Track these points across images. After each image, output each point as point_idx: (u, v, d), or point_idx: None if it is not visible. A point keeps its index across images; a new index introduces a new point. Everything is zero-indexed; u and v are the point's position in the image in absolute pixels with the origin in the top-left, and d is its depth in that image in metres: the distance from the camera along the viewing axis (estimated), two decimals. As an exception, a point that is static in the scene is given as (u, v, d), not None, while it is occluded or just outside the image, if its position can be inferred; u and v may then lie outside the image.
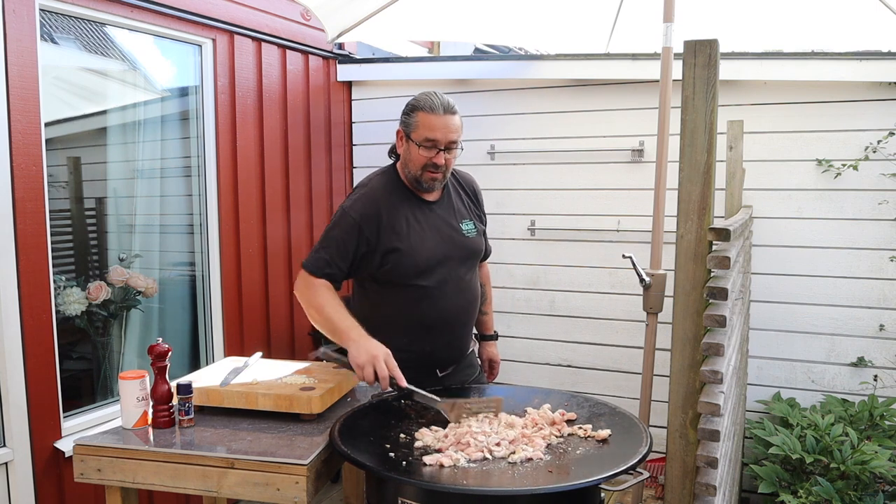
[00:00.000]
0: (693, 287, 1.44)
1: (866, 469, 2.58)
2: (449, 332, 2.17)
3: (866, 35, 3.39)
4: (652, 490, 3.45)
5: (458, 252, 2.16)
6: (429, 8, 3.52)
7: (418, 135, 2.03)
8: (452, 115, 2.03)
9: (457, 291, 2.15)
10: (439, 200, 2.18)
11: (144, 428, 1.92)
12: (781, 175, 3.33)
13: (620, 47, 3.77)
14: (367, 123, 4.21)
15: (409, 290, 2.08)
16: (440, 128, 2.01)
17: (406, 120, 2.07)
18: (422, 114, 2.02)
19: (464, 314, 2.20)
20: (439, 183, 2.11)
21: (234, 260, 3.40)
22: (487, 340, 2.51)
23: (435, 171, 2.05)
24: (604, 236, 3.66)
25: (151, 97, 3.20)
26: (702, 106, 1.40)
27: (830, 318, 3.30)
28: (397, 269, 2.06)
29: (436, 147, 2.02)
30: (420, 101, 2.04)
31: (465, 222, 2.21)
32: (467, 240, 2.19)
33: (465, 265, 2.19)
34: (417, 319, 2.10)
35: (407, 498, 1.54)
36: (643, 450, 1.61)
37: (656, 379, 2.62)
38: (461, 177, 2.31)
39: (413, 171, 2.08)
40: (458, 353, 2.25)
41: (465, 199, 2.27)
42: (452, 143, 2.03)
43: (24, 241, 2.45)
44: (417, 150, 2.03)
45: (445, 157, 2.04)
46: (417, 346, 2.10)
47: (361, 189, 2.12)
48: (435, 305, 2.10)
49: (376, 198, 2.08)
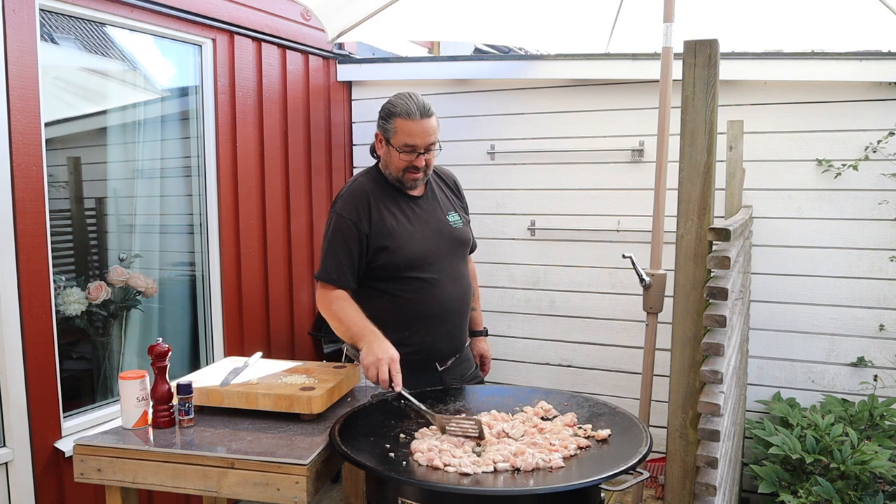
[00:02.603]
0: (693, 287, 1.44)
1: (866, 469, 2.58)
2: (447, 322, 2.20)
3: (866, 35, 3.39)
4: (652, 490, 3.46)
5: (449, 242, 2.21)
6: (429, 8, 3.52)
7: (397, 140, 2.07)
8: (429, 118, 2.06)
9: (451, 281, 2.19)
10: (424, 195, 2.24)
11: (144, 428, 1.92)
12: (781, 175, 3.33)
13: (620, 47, 3.77)
14: (367, 123, 4.21)
15: (405, 283, 2.12)
16: (419, 133, 2.05)
17: (384, 125, 2.11)
18: (399, 120, 2.06)
19: (460, 303, 2.24)
20: (421, 181, 2.18)
21: (234, 260, 3.40)
22: (478, 336, 2.53)
23: (416, 172, 2.12)
24: (604, 236, 3.66)
25: (151, 97, 3.20)
26: (702, 106, 1.40)
27: (830, 318, 3.30)
28: (391, 264, 2.10)
29: (415, 151, 2.07)
30: (397, 107, 2.06)
31: (451, 213, 2.27)
32: (455, 230, 2.25)
33: (457, 255, 2.25)
34: (415, 311, 2.13)
35: (407, 498, 1.54)
36: (643, 450, 1.61)
37: (656, 379, 2.62)
38: (442, 172, 2.38)
39: (394, 173, 2.14)
40: (457, 345, 2.28)
41: (447, 193, 2.33)
42: (431, 144, 2.09)
43: (24, 241, 2.45)
44: (398, 154, 2.09)
45: (426, 158, 2.09)
46: (417, 338, 2.14)
47: (348, 190, 2.17)
48: (432, 296, 2.14)
49: (364, 195, 2.13)
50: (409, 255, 2.11)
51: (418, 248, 2.12)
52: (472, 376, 2.37)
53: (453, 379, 2.26)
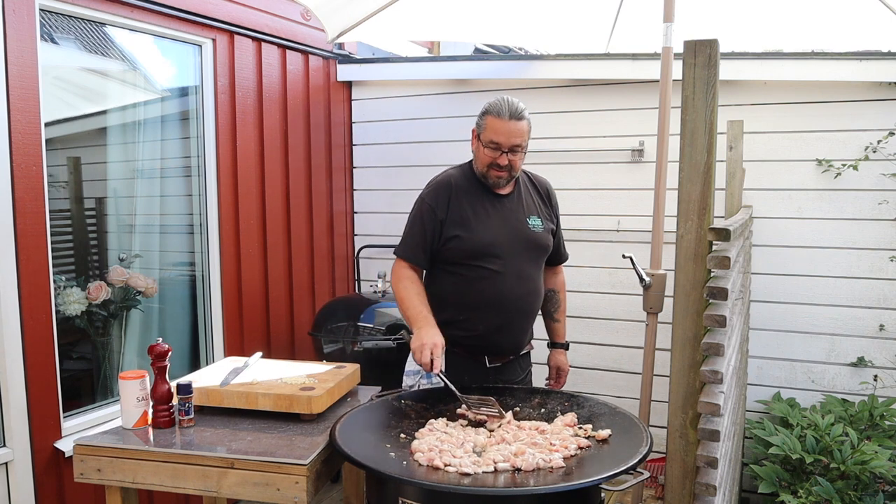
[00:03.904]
0: (693, 287, 1.44)
1: (866, 469, 2.58)
2: (502, 316, 2.24)
3: (866, 35, 3.39)
4: (652, 490, 3.46)
5: (522, 242, 2.28)
6: (429, 8, 3.52)
7: (485, 136, 2.21)
8: (519, 121, 2.18)
9: (516, 279, 2.25)
10: (510, 195, 2.33)
11: (144, 428, 1.92)
12: (781, 175, 3.33)
13: (620, 47, 3.77)
14: (367, 123, 4.21)
15: (470, 269, 2.22)
16: (504, 132, 2.17)
17: (478, 121, 2.25)
18: (490, 118, 2.19)
19: (521, 302, 2.28)
20: (504, 181, 2.25)
21: (234, 260, 3.40)
22: (558, 348, 2.58)
23: (499, 170, 2.22)
24: (604, 236, 3.65)
25: (151, 97, 3.20)
26: (702, 106, 1.40)
27: (830, 318, 3.30)
28: (460, 249, 2.21)
29: (499, 149, 2.19)
30: (491, 106, 2.21)
31: (533, 217, 2.33)
32: (532, 233, 2.30)
33: (529, 256, 2.30)
34: (473, 297, 2.22)
35: (407, 498, 1.54)
36: (643, 450, 1.61)
37: (656, 379, 2.62)
38: (536, 179, 2.46)
39: (480, 168, 2.26)
40: (510, 344, 2.31)
41: (535, 198, 2.39)
42: (516, 146, 2.19)
43: (24, 241, 2.45)
44: (484, 149, 2.21)
45: (509, 158, 2.20)
46: (471, 324, 2.23)
47: (436, 179, 2.32)
48: (492, 286, 2.21)
49: (448, 185, 2.27)
50: (478, 243, 2.20)
51: (488, 240, 2.21)
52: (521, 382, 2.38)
53: (500, 379, 2.29)
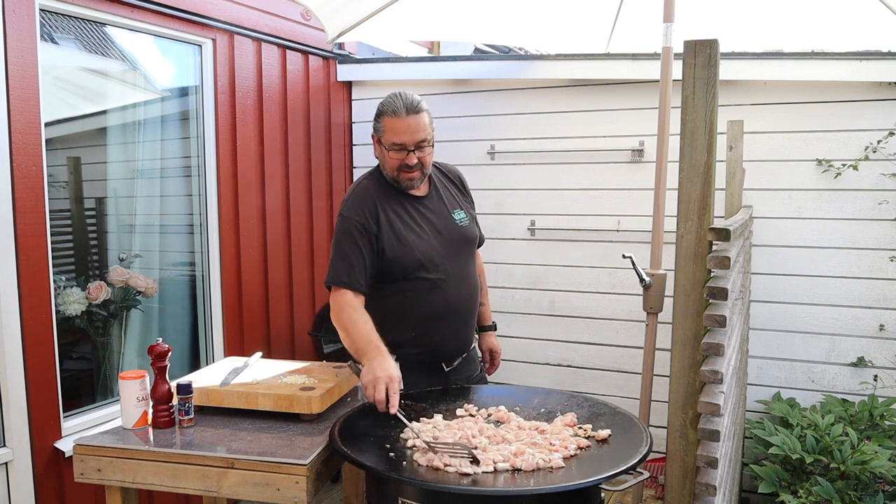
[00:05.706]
0: (693, 287, 1.44)
1: (866, 469, 2.58)
2: (454, 322, 2.19)
3: (866, 35, 3.39)
4: (652, 490, 3.46)
5: (456, 242, 2.19)
6: (429, 8, 3.52)
7: (387, 139, 2.06)
8: (417, 115, 2.03)
9: (458, 281, 2.18)
10: (428, 195, 2.21)
11: (144, 428, 1.92)
12: (781, 175, 3.33)
13: (620, 47, 3.77)
14: (367, 123, 4.19)
15: (412, 284, 2.10)
16: (405, 130, 2.03)
17: (375, 125, 2.11)
18: (387, 118, 2.05)
19: (468, 302, 2.23)
20: (418, 181, 2.13)
21: (234, 260, 3.40)
22: (487, 331, 2.53)
23: (409, 171, 2.08)
24: (604, 236, 3.65)
25: (151, 97, 3.20)
26: (702, 106, 1.40)
27: (830, 318, 3.30)
28: (397, 265, 2.08)
29: (405, 149, 2.05)
30: (384, 106, 2.06)
31: (457, 212, 2.24)
32: (462, 228, 2.22)
33: (464, 254, 2.23)
34: (424, 311, 2.12)
35: (407, 498, 1.54)
36: (643, 450, 1.61)
37: (656, 379, 2.62)
38: (445, 168, 2.34)
39: (390, 173, 2.12)
40: (463, 345, 2.27)
41: (452, 190, 2.30)
42: (421, 141, 2.05)
43: (24, 241, 2.45)
44: (388, 153, 2.07)
45: (417, 155, 2.06)
46: (425, 338, 2.13)
47: (352, 193, 2.15)
48: (439, 297, 2.12)
49: (369, 197, 2.11)
50: (417, 256, 2.08)
51: (425, 250, 2.10)
52: (479, 379, 2.37)
53: (458, 380, 2.25)
